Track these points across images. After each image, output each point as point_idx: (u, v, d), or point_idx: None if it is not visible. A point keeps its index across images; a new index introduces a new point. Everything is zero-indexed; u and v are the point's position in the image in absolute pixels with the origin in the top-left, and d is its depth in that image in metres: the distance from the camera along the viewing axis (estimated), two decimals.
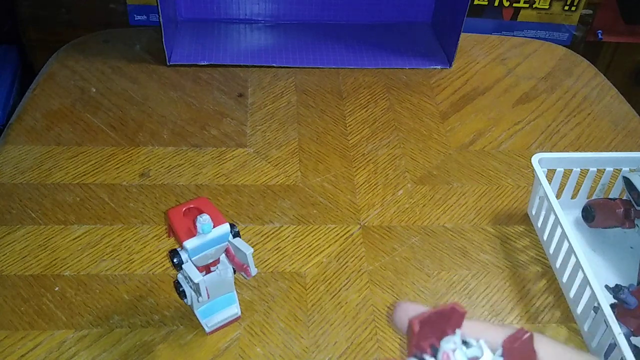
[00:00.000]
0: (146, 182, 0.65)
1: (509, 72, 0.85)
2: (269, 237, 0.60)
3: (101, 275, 0.56)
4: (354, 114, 0.76)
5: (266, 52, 0.85)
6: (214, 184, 0.65)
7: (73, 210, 0.61)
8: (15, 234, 0.59)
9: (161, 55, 0.80)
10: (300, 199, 0.64)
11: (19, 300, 0.53)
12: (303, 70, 0.82)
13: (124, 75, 0.79)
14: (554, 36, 1.16)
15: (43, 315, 0.52)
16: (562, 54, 0.90)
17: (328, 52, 0.86)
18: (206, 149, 0.70)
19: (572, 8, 1.13)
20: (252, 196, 0.64)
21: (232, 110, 0.75)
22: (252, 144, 0.71)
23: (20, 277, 0.55)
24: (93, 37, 0.86)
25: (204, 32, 0.87)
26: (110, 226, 0.60)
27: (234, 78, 0.80)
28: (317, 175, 0.67)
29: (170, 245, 0.59)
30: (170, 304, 0.54)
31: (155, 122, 0.73)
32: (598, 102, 0.81)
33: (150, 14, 1.11)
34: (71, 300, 0.54)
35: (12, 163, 0.66)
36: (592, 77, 0.85)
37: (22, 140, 0.69)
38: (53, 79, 0.78)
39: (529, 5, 1.13)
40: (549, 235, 0.59)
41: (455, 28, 0.82)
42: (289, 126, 0.74)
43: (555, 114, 0.78)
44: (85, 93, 0.76)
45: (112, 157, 0.68)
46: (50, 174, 0.65)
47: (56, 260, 0.57)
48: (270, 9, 0.90)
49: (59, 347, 0.50)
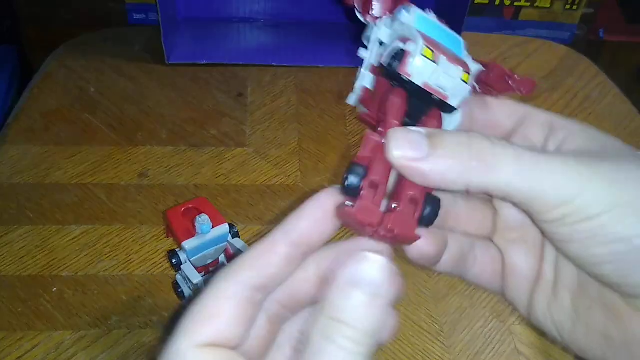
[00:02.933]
0: (145, 182, 0.65)
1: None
2: None
3: (99, 275, 0.55)
4: (355, 114, 0.76)
5: (266, 51, 0.84)
6: (213, 183, 0.65)
7: (71, 210, 0.61)
8: (13, 234, 0.58)
9: (160, 55, 0.79)
10: (300, 199, 0.64)
11: (17, 300, 0.53)
12: (303, 70, 0.82)
13: (123, 74, 0.79)
14: (555, 35, 1.16)
15: (41, 316, 0.52)
16: (564, 53, 0.89)
17: (328, 51, 0.85)
18: (205, 149, 0.69)
19: (574, 7, 1.13)
20: (251, 196, 0.64)
21: (231, 109, 0.75)
22: (252, 144, 0.70)
23: (18, 278, 0.55)
24: (91, 36, 0.86)
25: (204, 31, 0.87)
26: (108, 226, 0.60)
27: (234, 77, 0.80)
28: (317, 175, 0.67)
29: (169, 245, 0.58)
30: (169, 305, 0.53)
31: (154, 121, 0.72)
32: (600, 101, 0.81)
33: (149, 13, 1.10)
34: (69, 301, 0.53)
35: (9, 163, 0.65)
36: (593, 77, 0.85)
37: (20, 139, 0.69)
38: (51, 78, 0.78)
39: (530, 4, 1.12)
40: None
41: (455, 27, 0.81)
42: (289, 126, 0.73)
43: (556, 114, 0.78)
44: (83, 92, 0.76)
45: (111, 157, 0.67)
46: (48, 174, 0.64)
47: (54, 260, 0.56)
48: (270, 7, 0.90)
49: (56, 348, 0.50)
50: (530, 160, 0.24)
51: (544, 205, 0.24)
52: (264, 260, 0.25)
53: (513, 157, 0.24)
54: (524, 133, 0.29)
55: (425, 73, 0.26)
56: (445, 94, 0.26)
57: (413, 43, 0.26)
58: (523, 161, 0.24)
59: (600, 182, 0.24)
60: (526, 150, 0.24)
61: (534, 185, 0.23)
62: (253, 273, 0.25)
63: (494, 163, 0.23)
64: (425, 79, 0.26)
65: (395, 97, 0.27)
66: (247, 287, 0.24)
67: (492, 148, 0.24)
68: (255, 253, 0.26)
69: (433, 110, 0.27)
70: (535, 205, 0.24)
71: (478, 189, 0.24)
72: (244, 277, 0.25)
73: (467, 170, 0.23)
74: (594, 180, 0.24)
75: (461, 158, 0.23)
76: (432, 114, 0.27)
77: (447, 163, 0.23)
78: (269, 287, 0.25)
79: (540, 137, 0.29)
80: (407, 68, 0.26)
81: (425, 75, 0.26)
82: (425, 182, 0.24)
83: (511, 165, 0.23)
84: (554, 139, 0.28)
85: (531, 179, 0.23)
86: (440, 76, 0.26)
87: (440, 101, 0.27)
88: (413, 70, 0.26)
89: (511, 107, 0.30)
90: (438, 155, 0.23)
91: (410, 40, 0.26)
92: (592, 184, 0.23)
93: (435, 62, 0.26)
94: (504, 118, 0.30)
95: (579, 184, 0.23)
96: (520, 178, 0.23)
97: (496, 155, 0.24)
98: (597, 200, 0.23)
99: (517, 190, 0.24)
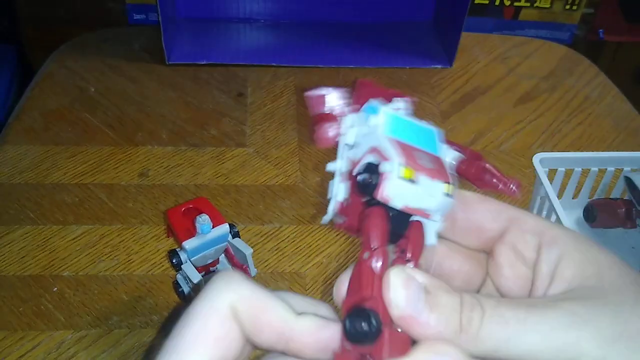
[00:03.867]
0: (145, 182, 0.65)
1: (510, 71, 0.85)
2: (268, 237, 0.60)
3: (100, 275, 0.55)
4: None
5: (266, 51, 0.84)
6: (213, 183, 0.65)
7: (72, 210, 0.61)
8: (14, 234, 0.58)
9: (160, 55, 0.79)
10: (300, 199, 0.64)
11: (18, 300, 0.53)
12: (303, 70, 0.82)
13: (123, 74, 0.79)
14: (555, 35, 1.16)
15: (42, 316, 0.52)
16: (564, 53, 0.89)
17: (328, 51, 0.85)
18: (205, 149, 0.69)
19: (574, 7, 1.13)
20: (251, 196, 0.64)
21: (231, 109, 0.75)
22: (252, 144, 0.70)
23: (19, 278, 0.55)
24: (92, 36, 0.86)
25: (203, 31, 0.87)
26: (109, 226, 0.60)
27: (234, 77, 0.80)
28: (317, 175, 0.67)
29: (169, 245, 0.58)
30: (169, 305, 0.53)
31: (154, 121, 0.72)
32: (599, 101, 0.81)
33: (149, 13, 1.10)
34: (70, 301, 0.53)
35: (10, 163, 0.66)
36: (593, 77, 0.85)
37: (20, 140, 0.69)
38: (51, 78, 0.78)
39: (530, 4, 1.12)
40: None
41: (456, 27, 0.81)
42: (289, 126, 0.73)
43: (556, 114, 0.78)
44: (83, 92, 0.76)
45: (111, 157, 0.67)
46: (48, 174, 0.65)
47: (55, 260, 0.56)
48: (270, 7, 0.90)
49: (57, 348, 0.50)
50: (517, 326, 0.23)
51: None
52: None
53: (501, 328, 0.23)
54: (512, 242, 0.27)
55: (406, 196, 0.24)
56: (428, 213, 0.25)
57: (388, 163, 0.24)
58: (510, 328, 0.23)
59: (597, 341, 0.23)
60: (514, 315, 0.23)
61: (526, 349, 0.23)
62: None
63: (482, 337, 0.23)
64: (406, 203, 0.24)
65: (375, 219, 0.24)
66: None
67: (480, 320, 0.23)
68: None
69: (414, 222, 0.26)
70: None
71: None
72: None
73: (456, 339, 0.23)
74: (592, 340, 0.23)
75: (453, 326, 0.23)
76: (414, 225, 0.26)
77: (439, 329, 0.23)
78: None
79: (531, 249, 0.27)
80: (385, 192, 0.23)
81: (405, 199, 0.24)
82: (417, 336, 0.23)
83: (500, 335, 0.23)
84: (547, 258, 0.26)
85: (522, 343, 0.23)
86: (422, 197, 0.24)
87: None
88: (392, 194, 0.24)
89: (495, 209, 0.28)
90: (432, 319, 0.23)
91: (384, 156, 0.24)
92: (589, 343, 0.23)
93: (414, 182, 0.24)
94: (489, 221, 0.28)
95: (578, 347, 0.23)
96: (511, 345, 0.23)
97: (484, 328, 0.23)
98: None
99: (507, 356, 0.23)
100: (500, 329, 0.23)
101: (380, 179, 0.24)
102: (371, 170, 0.24)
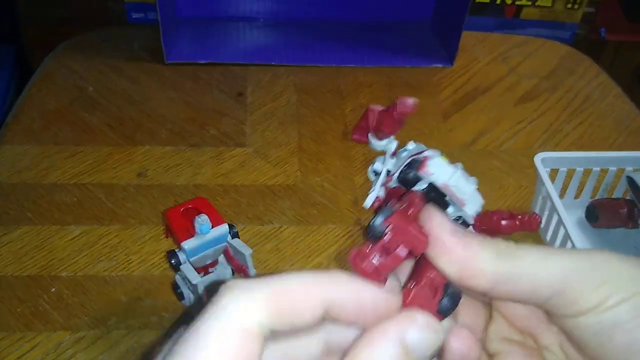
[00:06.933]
0: (144, 182, 0.64)
1: (511, 70, 0.85)
2: (268, 237, 0.60)
3: (98, 276, 0.55)
4: (355, 113, 0.76)
5: (266, 50, 0.84)
6: (212, 183, 0.65)
7: (70, 210, 0.61)
8: (12, 234, 0.58)
9: (159, 54, 0.79)
10: (300, 199, 0.64)
11: (16, 301, 0.53)
12: (303, 69, 0.82)
13: (122, 74, 0.79)
14: (556, 34, 1.15)
15: (40, 317, 0.52)
16: (565, 53, 0.89)
17: (328, 50, 0.85)
18: (205, 149, 0.69)
19: (575, 6, 1.12)
20: (251, 196, 0.64)
21: (231, 109, 0.75)
22: (252, 144, 0.70)
23: (17, 278, 0.54)
24: (90, 35, 0.85)
25: (203, 30, 0.87)
26: (107, 226, 0.60)
27: (233, 77, 0.80)
28: (317, 175, 0.67)
29: (168, 246, 0.58)
30: (168, 306, 0.53)
31: (153, 121, 0.72)
32: (601, 100, 0.80)
33: (148, 12, 1.10)
34: (68, 302, 0.53)
35: (8, 163, 0.65)
36: (595, 76, 0.85)
37: (19, 139, 0.68)
38: (50, 78, 0.78)
39: (531, 3, 1.12)
40: (552, 236, 0.58)
41: (456, 26, 0.81)
42: (289, 125, 0.73)
43: (557, 113, 0.78)
44: (82, 92, 0.76)
45: (110, 157, 0.67)
46: (47, 174, 0.64)
47: (53, 260, 0.56)
48: (269, 7, 0.89)
49: (55, 349, 0.50)
50: (555, 252, 0.25)
51: (576, 295, 0.24)
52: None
53: (537, 249, 0.25)
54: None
55: (446, 173, 0.26)
56: (463, 199, 0.27)
57: (429, 151, 0.27)
58: (548, 254, 0.25)
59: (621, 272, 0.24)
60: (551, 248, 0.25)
61: (565, 274, 0.24)
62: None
63: (520, 255, 0.24)
64: (445, 180, 0.27)
65: (415, 195, 0.26)
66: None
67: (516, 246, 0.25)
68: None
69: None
70: (567, 296, 0.24)
71: (504, 289, 0.24)
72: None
73: (498, 258, 0.24)
74: (617, 269, 0.24)
75: (493, 247, 0.25)
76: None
77: (480, 250, 0.24)
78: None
79: None
80: (428, 167, 0.26)
81: (445, 176, 0.27)
82: (458, 274, 0.24)
83: (536, 255, 0.25)
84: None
85: (562, 267, 0.24)
86: (460, 179, 0.27)
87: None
88: (433, 170, 0.26)
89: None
90: (474, 243, 0.24)
91: (425, 152, 0.27)
92: (615, 272, 0.24)
93: (454, 165, 0.27)
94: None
95: (606, 272, 0.24)
96: (551, 268, 0.24)
97: (520, 249, 0.25)
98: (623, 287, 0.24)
99: (547, 281, 0.24)
100: (536, 250, 0.25)
101: (423, 159, 0.27)
102: (413, 163, 0.27)
